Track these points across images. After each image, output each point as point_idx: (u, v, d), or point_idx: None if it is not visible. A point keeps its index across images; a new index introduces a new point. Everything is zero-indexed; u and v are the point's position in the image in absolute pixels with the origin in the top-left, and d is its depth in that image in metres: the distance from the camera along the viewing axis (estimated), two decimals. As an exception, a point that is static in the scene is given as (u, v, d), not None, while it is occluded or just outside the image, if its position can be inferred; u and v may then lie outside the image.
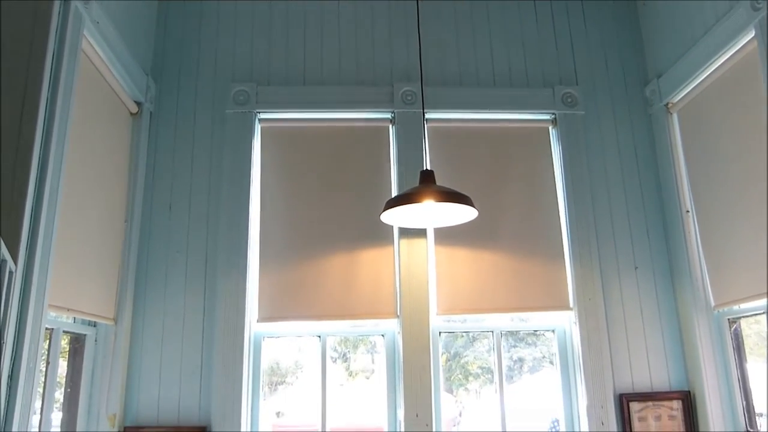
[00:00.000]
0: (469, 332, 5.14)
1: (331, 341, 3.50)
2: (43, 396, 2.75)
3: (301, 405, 12.08)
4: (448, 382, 18.98)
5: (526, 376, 15.58)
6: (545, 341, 19.47)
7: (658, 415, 3.33)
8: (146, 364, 3.25)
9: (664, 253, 3.56)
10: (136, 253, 3.34)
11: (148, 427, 3.15)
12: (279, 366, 21.38)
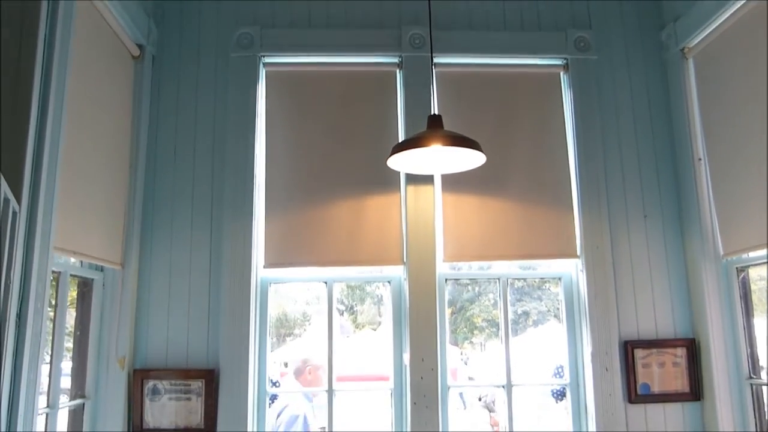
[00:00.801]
0: (475, 279, 5.16)
1: (337, 292, 3.51)
2: (53, 339, 2.78)
3: (309, 355, 12.24)
4: (453, 335, 19.32)
5: (531, 329, 15.77)
6: (550, 296, 19.68)
7: (662, 362, 3.35)
8: (154, 308, 3.27)
9: (674, 201, 3.52)
10: (141, 198, 3.33)
11: (157, 370, 3.19)
12: (287, 318, 21.66)
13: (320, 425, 4.23)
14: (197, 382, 3.18)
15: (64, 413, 2.92)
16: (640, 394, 3.31)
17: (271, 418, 3.67)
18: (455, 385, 3.60)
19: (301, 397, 4.51)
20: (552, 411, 9.33)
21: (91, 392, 3.05)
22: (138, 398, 3.14)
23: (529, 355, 9.56)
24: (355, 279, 4.09)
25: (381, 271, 3.50)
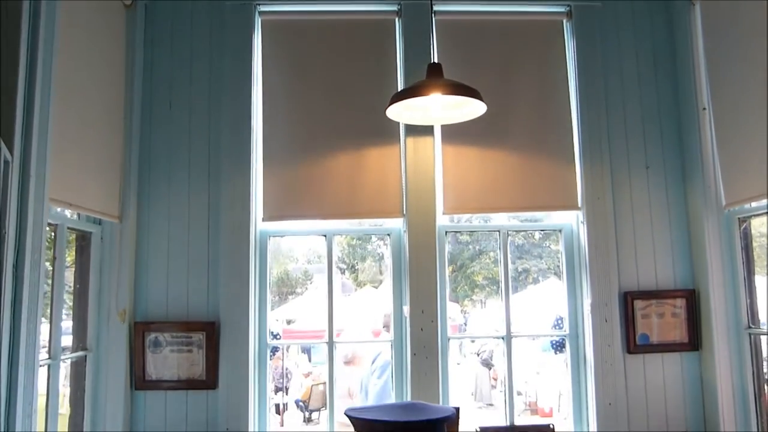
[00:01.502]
0: (476, 237, 5.16)
1: (338, 251, 3.49)
2: (52, 292, 2.78)
3: (310, 312, 12.37)
4: (454, 293, 19.36)
5: (531, 286, 15.84)
6: (550, 253, 19.78)
7: (662, 312, 3.36)
8: (153, 261, 3.27)
9: (676, 152, 3.47)
10: (137, 152, 3.29)
11: (157, 322, 3.21)
12: (288, 277, 21.77)
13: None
14: (198, 335, 3.19)
15: (66, 365, 2.95)
16: (639, 344, 3.33)
17: (272, 370, 3.72)
18: (455, 337, 3.63)
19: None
20: (550, 364, 9.48)
21: (93, 345, 3.06)
22: (139, 350, 3.16)
23: (529, 310, 9.69)
24: (355, 232, 4.08)
25: (382, 223, 3.47)
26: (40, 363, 2.42)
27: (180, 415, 3.18)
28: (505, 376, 3.47)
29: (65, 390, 3.09)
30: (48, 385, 2.70)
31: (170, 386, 3.18)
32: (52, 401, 2.69)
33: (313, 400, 10.32)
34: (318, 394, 10.14)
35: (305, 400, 10.48)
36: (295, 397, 11.05)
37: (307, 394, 10.47)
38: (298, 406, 10.71)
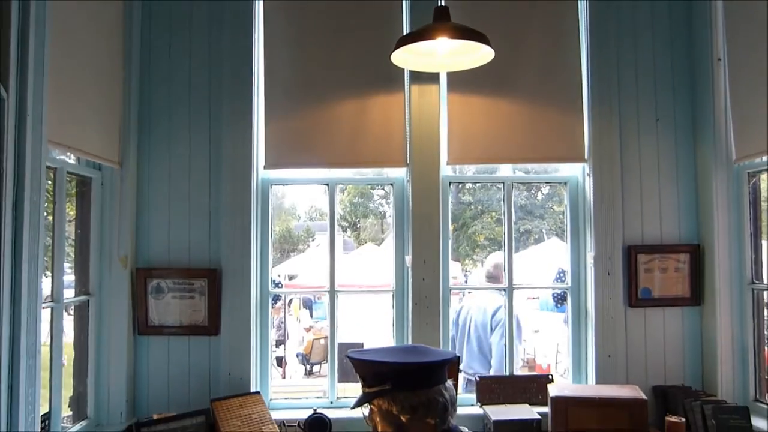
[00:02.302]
0: (478, 188, 5.14)
1: (340, 209, 3.46)
2: (53, 235, 2.76)
3: (312, 268, 12.42)
4: (455, 252, 19.42)
5: (532, 247, 15.85)
6: (553, 214, 19.76)
7: (665, 267, 3.34)
8: (155, 207, 3.24)
9: (688, 104, 3.40)
10: (137, 96, 3.23)
11: (159, 269, 3.20)
12: (290, 234, 21.86)
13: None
14: (200, 281, 3.19)
15: (69, 309, 2.96)
16: (641, 298, 3.33)
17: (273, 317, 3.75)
18: (456, 288, 3.61)
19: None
20: (548, 323, 9.57)
21: (95, 290, 3.06)
22: (142, 296, 3.17)
23: (530, 268, 9.74)
24: (358, 181, 4.03)
25: (385, 173, 3.44)
26: (42, 305, 2.43)
27: (182, 360, 3.20)
28: (506, 327, 3.48)
29: (69, 334, 3.10)
30: (51, 327, 2.71)
31: (172, 332, 3.20)
32: (56, 343, 2.70)
33: (314, 353, 10.47)
34: (319, 348, 10.29)
35: (306, 353, 10.64)
36: (296, 351, 11.22)
37: (308, 348, 10.63)
38: (299, 359, 10.88)
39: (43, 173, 2.31)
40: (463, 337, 4.38)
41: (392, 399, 1.83)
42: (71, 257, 3.11)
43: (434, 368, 1.87)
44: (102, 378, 3.06)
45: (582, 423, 2.87)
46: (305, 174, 3.51)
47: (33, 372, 2.25)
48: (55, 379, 2.68)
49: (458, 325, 4.46)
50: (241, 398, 3.04)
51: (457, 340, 4.41)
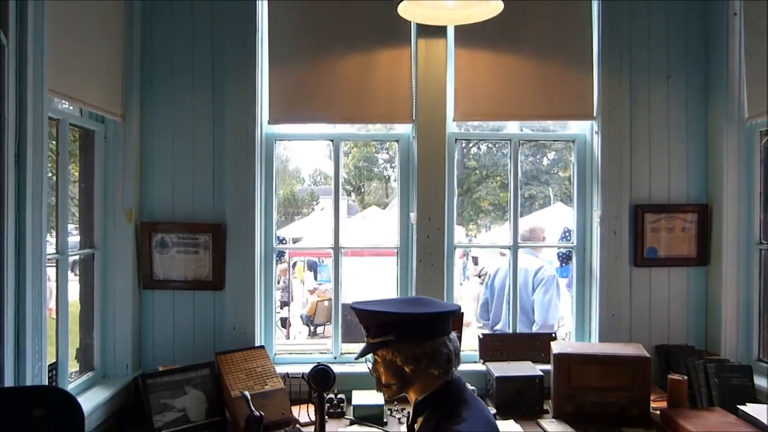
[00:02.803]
0: (484, 147, 5.08)
1: (344, 173, 3.43)
2: (57, 187, 2.74)
3: (317, 231, 12.43)
4: (459, 217, 19.42)
5: (537, 212, 15.83)
6: (558, 180, 19.66)
7: (672, 226, 3.32)
8: (158, 161, 3.22)
9: (701, 61, 3.33)
10: (139, 49, 3.18)
11: (164, 223, 3.20)
12: (295, 198, 21.85)
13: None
14: (204, 236, 3.19)
15: (75, 262, 2.96)
16: (647, 257, 3.31)
17: (277, 273, 3.76)
18: (461, 245, 3.59)
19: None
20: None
21: (100, 243, 3.06)
22: (146, 250, 3.17)
23: (536, 226, 9.74)
24: (362, 137, 3.96)
25: (390, 129, 3.39)
26: (47, 256, 2.43)
27: (187, 314, 3.22)
28: (510, 286, 3.48)
29: (75, 286, 3.11)
30: (57, 279, 2.72)
31: (177, 286, 3.21)
32: (62, 295, 2.71)
33: (318, 315, 10.56)
34: (323, 310, 10.37)
35: (311, 315, 10.72)
36: (301, 313, 11.32)
37: (312, 310, 10.71)
38: (303, 320, 10.98)
39: (45, 121, 2.29)
40: (501, 298, 4.47)
41: (396, 350, 1.84)
42: (75, 216, 3.09)
43: (438, 319, 1.87)
44: (108, 331, 3.08)
45: (585, 380, 2.88)
46: (309, 129, 3.47)
47: (39, 322, 2.26)
48: (61, 330, 2.70)
49: (494, 287, 4.55)
50: (245, 352, 3.06)
51: (492, 303, 4.53)
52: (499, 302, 4.45)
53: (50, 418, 1.00)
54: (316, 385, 2.56)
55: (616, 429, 2.73)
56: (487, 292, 4.65)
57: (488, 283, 4.65)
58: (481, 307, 4.72)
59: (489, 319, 4.55)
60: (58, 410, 1.00)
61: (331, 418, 2.90)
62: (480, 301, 4.83)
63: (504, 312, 4.35)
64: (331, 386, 2.58)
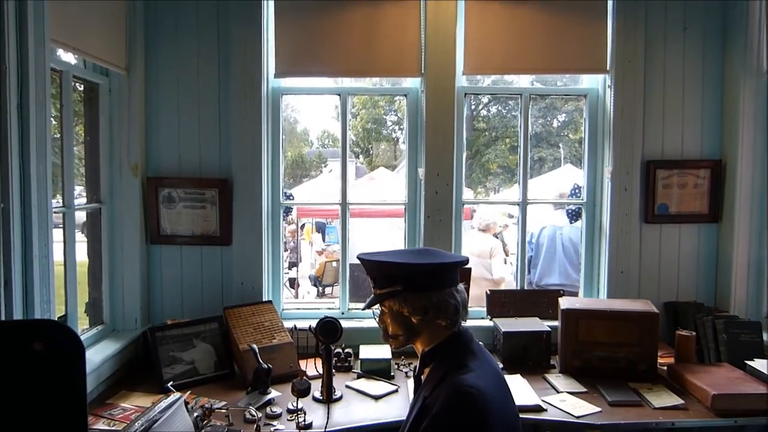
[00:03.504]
0: (495, 95, 4.98)
1: (353, 135, 3.37)
2: (62, 140, 2.72)
3: (325, 193, 12.41)
4: (468, 179, 19.40)
5: (546, 174, 15.72)
6: (568, 142, 19.46)
7: (684, 182, 3.27)
8: (164, 116, 3.18)
9: (719, 11, 3.22)
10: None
11: (170, 178, 3.18)
12: (303, 160, 21.74)
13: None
14: (211, 191, 3.17)
15: (82, 216, 2.95)
16: (657, 214, 3.28)
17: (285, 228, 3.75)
18: (469, 201, 3.56)
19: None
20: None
21: (106, 198, 3.05)
22: (153, 205, 3.16)
23: (544, 192, 9.72)
24: (371, 91, 3.87)
25: (399, 83, 3.33)
26: (53, 209, 2.43)
27: (195, 269, 3.23)
28: (519, 242, 3.45)
29: (82, 240, 3.12)
30: (64, 232, 2.72)
31: (185, 241, 3.21)
32: (69, 248, 2.71)
33: (326, 276, 10.61)
34: (331, 271, 10.42)
35: (319, 276, 10.78)
36: (309, 273, 11.39)
37: (320, 270, 10.76)
38: (311, 281, 11.05)
39: (47, 71, 2.26)
40: (543, 254, 4.84)
41: (403, 300, 1.82)
42: (81, 172, 3.08)
43: (446, 270, 1.85)
44: (116, 285, 3.10)
45: (592, 335, 2.87)
46: (317, 83, 3.41)
47: (47, 272, 2.27)
48: (69, 283, 2.71)
49: (538, 245, 4.92)
50: (253, 306, 3.07)
51: (540, 260, 4.85)
52: (545, 259, 4.74)
53: (51, 352, 0.99)
54: (323, 337, 2.57)
55: (622, 383, 2.73)
56: (530, 248, 4.86)
57: (530, 241, 4.88)
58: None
59: (529, 274, 4.83)
60: (58, 344, 0.99)
61: (338, 372, 2.93)
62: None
63: (549, 268, 4.62)
64: (338, 339, 2.59)
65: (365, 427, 2.40)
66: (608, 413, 2.47)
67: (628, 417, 2.44)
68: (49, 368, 0.96)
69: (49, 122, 2.29)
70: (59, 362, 0.96)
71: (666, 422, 2.42)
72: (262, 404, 2.53)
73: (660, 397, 2.58)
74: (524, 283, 3.44)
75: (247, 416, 2.36)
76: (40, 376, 0.98)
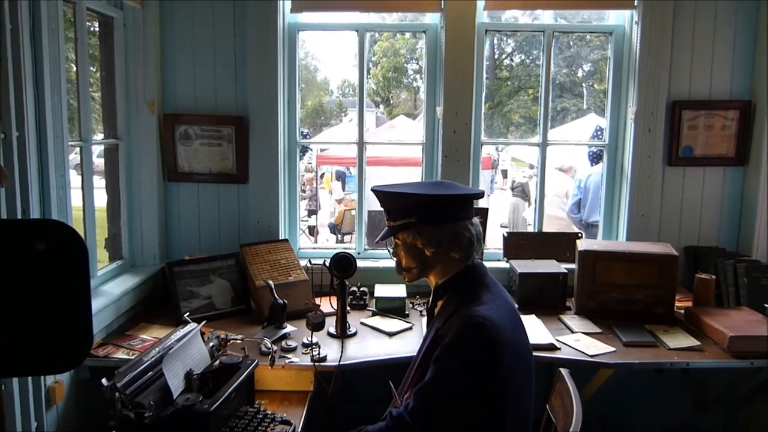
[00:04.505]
0: (517, 32, 4.84)
1: (372, 83, 3.29)
2: (77, 74, 2.70)
3: (344, 142, 12.34)
4: (489, 130, 19.08)
5: (569, 124, 15.42)
6: (592, 92, 19.06)
7: (711, 124, 3.17)
8: (180, 52, 3.14)
9: (756, -58, 3.06)
10: (155, -71, 3.04)
11: (187, 115, 3.16)
12: (323, 109, 21.63)
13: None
14: (227, 129, 3.15)
15: (100, 152, 2.96)
16: (682, 156, 3.19)
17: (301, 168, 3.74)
18: (488, 142, 3.49)
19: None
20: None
21: (123, 134, 3.05)
22: (170, 142, 3.16)
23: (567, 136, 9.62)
24: (388, 27, 3.80)
25: (417, 19, 3.24)
26: (70, 143, 2.43)
27: (212, 206, 3.24)
28: (537, 182, 3.40)
29: (101, 176, 3.14)
30: (82, 167, 2.73)
31: (202, 179, 3.21)
32: (87, 183, 2.72)
33: (345, 223, 10.65)
34: (350, 219, 10.45)
35: (338, 224, 10.83)
36: (328, 222, 11.45)
37: (339, 218, 10.80)
38: (330, 229, 11.11)
39: (60, 6, 2.22)
40: (590, 196, 5.17)
41: (417, 232, 1.81)
42: (98, 112, 3.07)
43: (460, 202, 1.83)
44: (135, 221, 3.13)
45: (609, 277, 2.84)
46: (334, 19, 3.33)
47: (64, 203, 2.29)
48: (88, 217, 2.73)
49: (585, 188, 5.28)
50: (269, 244, 3.08)
51: (588, 201, 5.19)
52: (593, 199, 4.98)
53: (54, 251, 1.00)
54: (337, 271, 2.58)
55: (638, 325, 2.71)
56: (579, 191, 5.39)
57: (579, 184, 5.40)
58: (572, 205, 5.50)
59: (579, 213, 5.37)
60: (61, 243, 1.00)
61: (354, 309, 2.95)
62: (571, 200, 5.57)
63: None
64: (352, 274, 2.60)
65: (379, 361, 2.43)
66: (622, 353, 2.47)
67: (642, 357, 2.44)
68: (52, 266, 0.98)
69: (64, 52, 2.27)
70: (62, 261, 0.97)
71: (681, 362, 2.42)
72: (278, 338, 2.56)
73: (676, 339, 2.57)
74: (542, 225, 3.40)
75: (262, 349, 2.40)
76: (44, 274, 0.99)
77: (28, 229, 0.99)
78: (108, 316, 2.62)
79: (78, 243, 1.00)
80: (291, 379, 2.32)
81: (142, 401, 1.75)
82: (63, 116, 2.28)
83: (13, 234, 0.98)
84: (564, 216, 5.76)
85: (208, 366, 2.02)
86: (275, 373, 2.29)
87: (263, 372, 2.25)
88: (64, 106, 2.28)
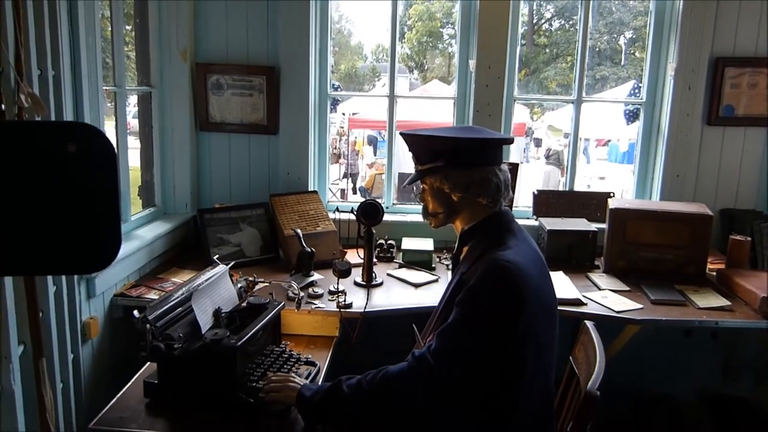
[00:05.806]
0: (556, 23, 4.71)
1: (407, 48, 3.24)
2: (111, 20, 2.72)
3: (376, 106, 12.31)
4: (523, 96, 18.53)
5: (608, 91, 15.05)
6: (634, 61, 18.51)
7: (755, 83, 3.06)
8: (212, 1, 3.13)
9: None
10: None
11: (218, 64, 3.17)
12: (356, 73, 21.49)
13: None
14: (258, 79, 3.15)
15: (133, 99, 2.99)
16: (722, 116, 3.10)
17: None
18: (521, 98, 3.43)
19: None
20: (615, 172, 9.45)
21: (157, 82, 3.08)
22: (202, 92, 3.18)
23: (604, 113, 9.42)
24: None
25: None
26: (105, 87, 2.46)
27: (243, 157, 3.27)
28: (571, 141, 3.34)
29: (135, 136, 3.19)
30: (116, 111, 2.77)
31: (233, 129, 3.23)
32: (121, 128, 2.76)
33: (375, 188, 10.68)
34: (380, 183, 10.47)
35: (368, 188, 10.86)
36: (359, 185, 11.49)
37: (370, 183, 10.83)
38: (360, 193, 11.16)
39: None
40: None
41: (444, 176, 1.79)
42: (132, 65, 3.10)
43: (489, 146, 1.80)
44: (167, 170, 3.17)
45: (640, 236, 2.80)
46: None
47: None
48: (121, 163, 2.77)
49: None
50: (299, 195, 3.11)
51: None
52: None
53: (83, 154, 1.02)
54: (365, 219, 2.59)
55: (668, 284, 2.67)
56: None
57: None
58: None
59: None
60: (91, 146, 1.02)
61: (380, 261, 2.97)
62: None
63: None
64: (379, 221, 2.60)
65: (404, 309, 2.45)
66: (650, 310, 2.44)
67: (670, 314, 2.41)
68: (82, 168, 1.00)
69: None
70: (92, 163, 1.00)
71: (710, 321, 2.38)
72: (305, 285, 2.60)
73: (706, 299, 2.53)
74: (573, 184, 3.35)
75: (289, 294, 2.43)
76: (74, 176, 1.02)
77: (60, 132, 1.01)
78: (140, 259, 2.69)
79: (106, 145, 1.02)
80: (317, 324, 2.35)
81: (172, 334, 1.80)
82: (97, 59, 2.30)
83: (45, 136, 1.00)
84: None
85: (236, 306, 2.07)
86: (301, 318, 2.33)
87: (290, 316, 2.30)
88: (98, 49, 2.30)
